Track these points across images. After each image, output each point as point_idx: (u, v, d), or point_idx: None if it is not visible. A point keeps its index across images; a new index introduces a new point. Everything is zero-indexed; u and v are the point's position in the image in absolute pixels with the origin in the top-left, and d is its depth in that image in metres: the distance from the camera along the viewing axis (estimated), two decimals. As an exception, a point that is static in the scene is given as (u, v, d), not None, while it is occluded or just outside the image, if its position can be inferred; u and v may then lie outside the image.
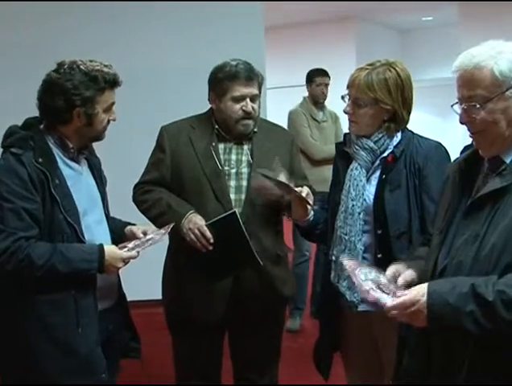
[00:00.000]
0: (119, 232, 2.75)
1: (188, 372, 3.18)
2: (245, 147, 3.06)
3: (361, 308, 2.65)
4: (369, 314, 2.65)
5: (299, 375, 4.43)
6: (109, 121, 2.62)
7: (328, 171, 5.70)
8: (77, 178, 2.59)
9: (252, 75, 2.98)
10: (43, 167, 2.44)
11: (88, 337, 2.52)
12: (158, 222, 2.98)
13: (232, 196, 3.00)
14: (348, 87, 2.66)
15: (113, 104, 2.61)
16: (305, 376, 4.37)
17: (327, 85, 5.89)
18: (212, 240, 2.87)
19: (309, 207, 2.74)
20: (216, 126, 3.04)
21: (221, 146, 3.04)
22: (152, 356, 4.69)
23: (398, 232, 2.57)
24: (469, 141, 2.11)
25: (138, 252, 2.59)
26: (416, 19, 12.87)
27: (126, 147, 5.79)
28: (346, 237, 2.65)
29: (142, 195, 3.07)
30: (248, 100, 2.97)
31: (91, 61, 2.56)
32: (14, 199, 2.40)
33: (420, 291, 1.87)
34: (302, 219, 2.79)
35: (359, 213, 2.63)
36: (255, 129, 3.06)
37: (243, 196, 3.01)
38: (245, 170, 3.03)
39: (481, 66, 1.90)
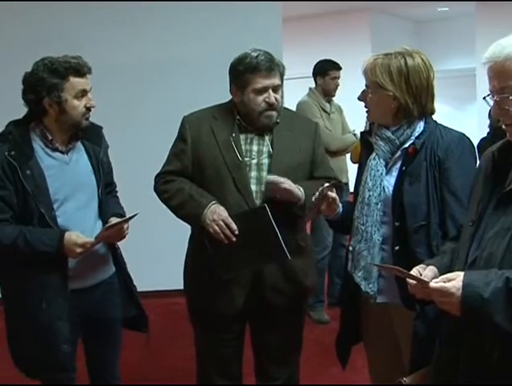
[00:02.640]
0: (107, 220, 2.97)
1: (209, 364, 3.18)
2: (267, 138, 3.03)
3: (380, 299, 2.66)
4: (387, 306, 2.66)
5: (317, 366, 4.46)
6: (88, 109, 2.86)
7: (343, 162, 5.78)
8: (60, 168, 2.87)
9: (273, 66, 2.94)
10: (13, 159, 2.74)
11: (52, 312, 2.83)
12: (180, 212, 3.01)
13: (253, 187, 2.98)
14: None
15: (84, 90, 2.84)
16: (323, 367, 4.40)
17: (339, 78, 5.88)
18: (237, 232, 2.86)
19: (336, 204, 2.74)
20: (238, 117, 3.02)
21: (243, 137, 3.02)
22: (173, 347, 4.77)
23: (417, 225, 2.53)
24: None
25: (95, 238, 2.83)
26: (432, 10, 12.81)
27: (141, 137, 5.84)
28: (363, 227, 2.63)
29: (163, 185, 3.07)
30: (270, 91, 2.94)
31: (63, 56, 2.82)
32: None
33: (457, 283, 1.87)
34: (331, 214, 2.79)
35: (376, 203, 2.61)
36: (277, 120, 3.03)
37: (264, 187, 2.98)
38: (265, 160, 3.00)
39: None
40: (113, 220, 2.91)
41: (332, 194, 2.70)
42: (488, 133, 4.87)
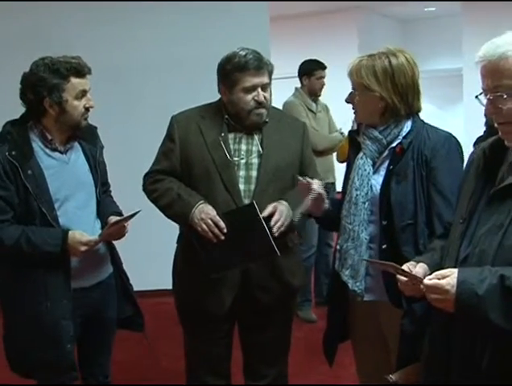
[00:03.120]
0: (106, 220, 2.97)
1: (198, 364, 3.19)
2: (256, 137, 3.03)
3: (367, 297, 2.67)
4: (375, 303, 2.68)
5: (305, 364, 4.47)
6: (87, 109, 2.87)
7: (329, 161, 5.80)
8: (60, 167, 2.88)
9: (262, 64, 2.95)
10: (14, 159, 2.75)
11: (55, 311, 2.82)
12: (168, 211, 3.01)
13: (241, 187, 2.98)
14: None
15: (84, 91, 2.85)
16: (311, 365, 4.42)
17: (324, 78, 5.90)
18: (225, 230, 2.86)
19: (323, 201, 2.74)
20: (226, 116, 3.02)
21: (231, 136, 3.02)
22: (161, 346, 4.77)
23: (404, 224, 2.55)
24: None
25: (99, 236, 2.86)
26: (419, 10, 12.86)
27: (137, 136, 5.85)
28: (350, 227, 2.65)
29: (152, 185, 3.07)
30: (259, 89, 2.95)
31: (63, 57, 2.82)
32: None
33: (451, 280, 1.87)
34: (318, 211, 2.79)
35: (363, 203, 2.62)
36: (266, 119, 3.04)
37: (252, 187, 2.99)
38: (255, 160, 3.01)
39: (507, 55, 1.87)
40: (114, 219, 2.92)
41: (320, 190, 2.71)
42: (484, 132, 4.90)
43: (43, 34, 5.60)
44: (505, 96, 1.89)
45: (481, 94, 1.97)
